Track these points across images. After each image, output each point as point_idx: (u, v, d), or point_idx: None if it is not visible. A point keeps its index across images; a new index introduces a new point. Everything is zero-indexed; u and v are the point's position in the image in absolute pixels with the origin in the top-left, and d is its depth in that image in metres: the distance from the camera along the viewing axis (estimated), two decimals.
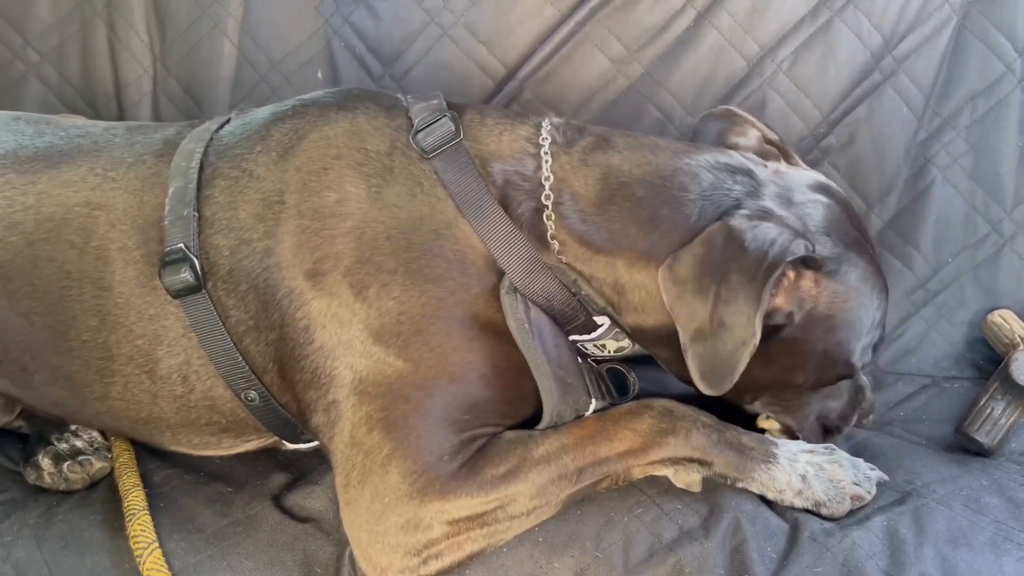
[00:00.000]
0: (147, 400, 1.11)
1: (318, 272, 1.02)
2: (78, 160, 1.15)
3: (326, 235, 1.02)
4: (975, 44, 1.55)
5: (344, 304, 1.01)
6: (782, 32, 1.55)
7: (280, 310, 1.03)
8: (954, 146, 1.56)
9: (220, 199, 1.07)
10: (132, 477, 1.14)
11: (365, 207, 1.03)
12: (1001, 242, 1.55)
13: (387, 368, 1.00)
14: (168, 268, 1.04)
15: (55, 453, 1.17)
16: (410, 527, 0.97)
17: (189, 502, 1.11)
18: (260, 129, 1.11)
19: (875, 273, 1.09)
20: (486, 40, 1.57)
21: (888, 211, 1.57)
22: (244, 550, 1.03)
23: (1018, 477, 1.17)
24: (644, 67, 1.56)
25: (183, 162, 1.09)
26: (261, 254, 1.04)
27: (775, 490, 1.06)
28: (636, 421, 1.05)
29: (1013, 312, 1.52)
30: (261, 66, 1.59)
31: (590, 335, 1.12)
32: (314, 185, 1.04)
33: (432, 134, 1.07)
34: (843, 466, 1.07)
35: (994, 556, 1.00)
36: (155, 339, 1.08)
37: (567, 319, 1.09)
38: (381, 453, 0.98)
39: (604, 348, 1.14)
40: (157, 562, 1.00)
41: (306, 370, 1.03)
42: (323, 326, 1.01)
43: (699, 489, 1.05)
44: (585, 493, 1.04)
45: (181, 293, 1.05)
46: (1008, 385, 1.30)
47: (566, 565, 1.01)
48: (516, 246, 1.04)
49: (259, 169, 1.07)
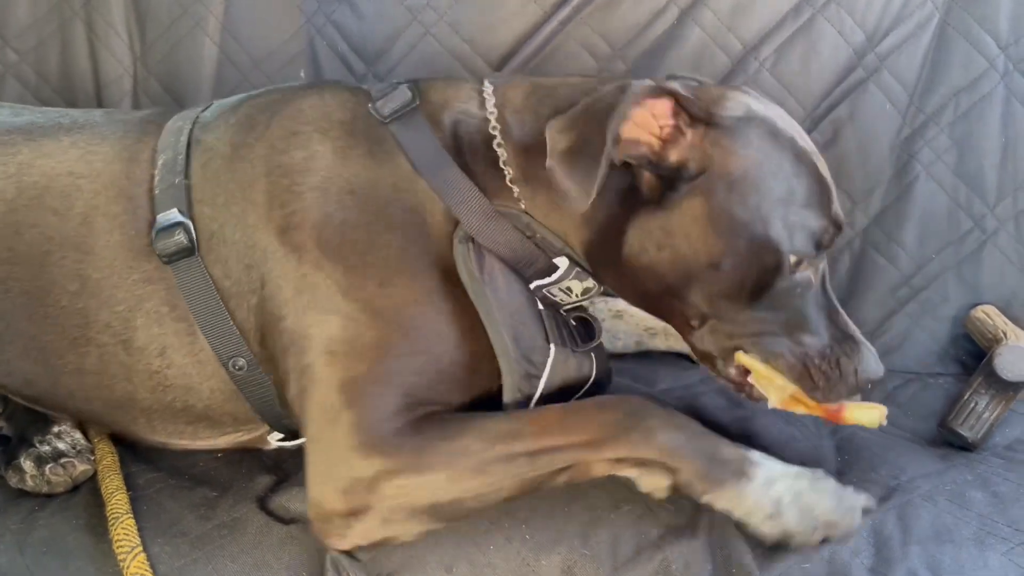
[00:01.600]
0: (122, 375, 1.12)
1: (288, 227, 1.05)
2: (59, 135, 1.18)
3: (295, 191, 1.06)
4: (958, 40, 1.56)
5: (312, 259, 1.04)
6: (765, 30, 1.55)
7: (259, 271, 1.06)
8: (937, 142, 1.56)
9: (200, 170, 1.11)
10: (115, 480, 1.13)
11: (330, 163, 1.08)
12: (984, 238, 1.56)
13: (351, 324, 1.02)
14: (162, 233, 1.07)
15: (37, 455, 1.16)
16: (353, 481, 0.98)
17: (173, 505, 1.10)
18: (236, 106, 1.17)
19: (791, 147, 1.03)
20: (469, 38, 1.56)
21: (872, 208, 1.58)
22: (229, 553, 1.03)
23: (1002, 471, 1.18)
24: (628, 65, 1.56)
25: (171, 138, 1.14)
26: (238, 217, 1.08)
27: (743, 510, 0.98)
28: (600, 413, 1.02)
29: (996, 307, 1.53)
30: (243, 65, 1.58)
31: (552, 277, 1.11)
32: (283, 147, 1.09)
33: (389, 102, 1.12)
34: (826, 495, 0.99)
35: (979, 551, 1.01)
36: (135, 306, 1.09)
37: (526, 263, 1.10)
38: (336, 408, 1.00)
39: (571, 291, 1.13)
40: (141, 567, 1.00)
41: (284, 332, 1.05)
42: (294, 282, 1.04)
43: (664, 496, 1.01)
44: (542, 483, 1.01)
45: (174, 257, 1.07)
46: (992, 380, 1.30)
47: (553, 563, 1.01)
48: (469, 196, 1.07)
49: (235, 138, 1.12)
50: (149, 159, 1.13)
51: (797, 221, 1.01)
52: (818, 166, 1.05)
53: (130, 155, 1.14)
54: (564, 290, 1.13)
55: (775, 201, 1.01)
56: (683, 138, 1.01)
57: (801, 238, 1.01)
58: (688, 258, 1.02)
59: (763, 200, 1.00)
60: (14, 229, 1.11)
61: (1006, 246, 1.56)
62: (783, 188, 1.01)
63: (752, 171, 1.00)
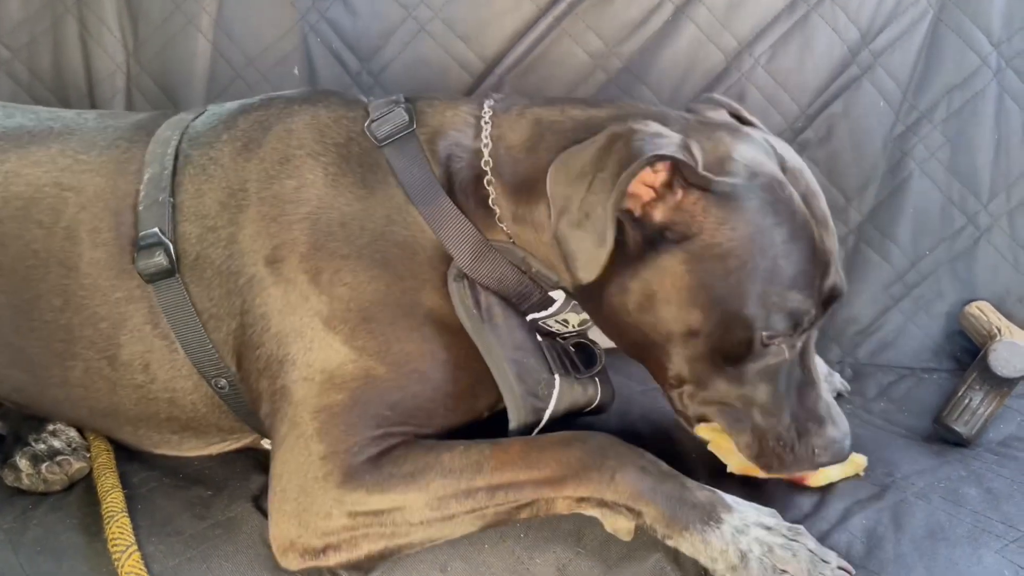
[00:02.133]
0: (106, 388, 1.11)
1: (276, 259, 1.04)
2: (49, 142, 1.16)
3: (284, 221, 1.05)
4: (951, 38, 1.56)
5: (299, 291, 1.03)
6: (760, 26, 1.55)
7: (241, 297, 1.05)
8: (931, 139, 1.57)
9: (189, 187, 1.09)
10: (111, 478, 1.12)
11: (321, 193, 1.06)
12: (977, 234, 1.57)
13: (333, 355, 1.01)
14: (143, 252, 1.06)
15: (33, 454, 1.15)
16: (313, 511, 0.97)
17: (168, 504, 1.09)
18: (228, 119, 1.14)
19: (788, 221, 0.98)
20: (464, 35, 1.56)
21: (866, 204, 1.58)
22: (224, 553, 1.02)
23: (995, 467, 1.18)
24: (623, 62, 1.56)
25: (159, 149, 1.12)
26: (225, 241, 1.06)
27: (707, 556, 0.94)
28: (563, 450, 1.00)
29: (990, 304, 1.53)
30: (236, 62, 1.58)
31: (548, 311, 1.10)
32: (274, 173, 1.08)
33: (385, 124, 1.10)
34: (799, 556, 0.93)
35: (973, 548, 1.01)
36: (119, 323, 1.09)
37: (522, 298, 1.09)
38: (306, 434, 1.00)
39: (567, 323, 1.13)
40: (136, 566, 0.99)
41: (261, 358, 1.04)
42: (279, 312, 1.03)
43: (628, 538, 0.98)
44: (502, 519, 1.00)
45: (155, 277, 1.06)
46: (986, 376, 1.31)
47: (548, 561, 1.01)
48: (462, 230, 1.06)
49: (224, 159, 1.10)
50: (136, 171, 1.11)
51: (777, 302, 0.97)
52: (815, 240, 0.99)
53: (117, 167, 1.13)
54: (560, 321, 1.13)
55: (758, 280, 0.97)
56: (672, 198, 0.97)
57: (778, 319, 0.98)
58: (667, 321, 1.00)
59: (745, 278, 0.96)
60: (0, 241, 1.11)
61: (1000, 242, 1.56)
62: (768, 267, 0.97)
63: (739, 247, 0.96)
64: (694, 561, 0.97)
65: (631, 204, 0.97)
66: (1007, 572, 0.98)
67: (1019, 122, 1.56)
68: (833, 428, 1.01)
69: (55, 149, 1.15)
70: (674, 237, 0.98)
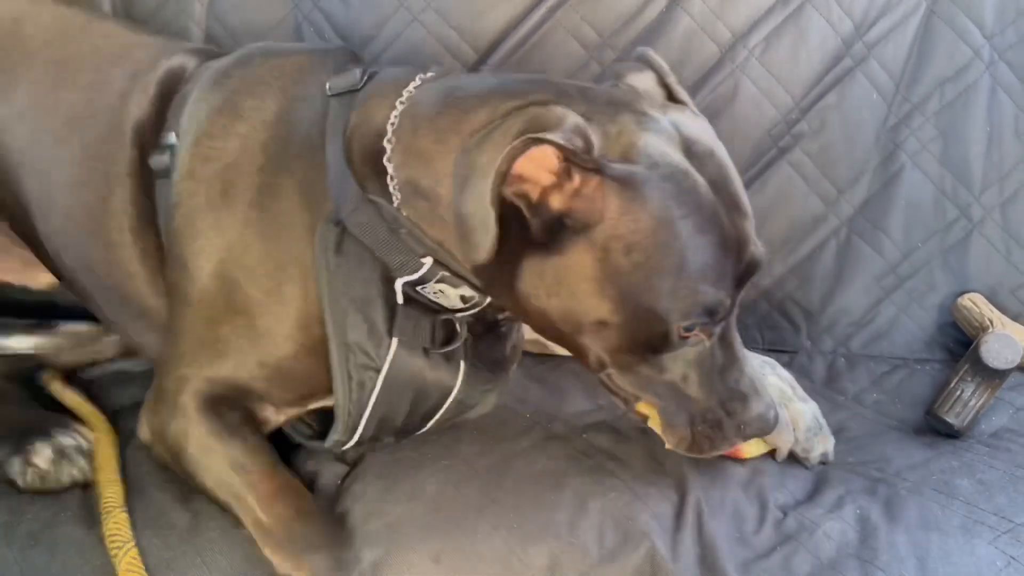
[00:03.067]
0: (93, 235, 1.19)
1: (208, 158, 1.13)
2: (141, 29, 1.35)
3: (231, 132, 1.13)
4: (944, 30, 1.56)
5: (209, 195, 1.11)
6: (754, 18, 1.55)
7: (177, 188, 1.14)
8: (923, 132, 1.57)
9: (201, 94, 1.18)
10: (111, 471, 1.11)
11: (265, 118, 1.14)
12: (970, 226, 1.57)
13: (218, 274, 1.09)
14: (155, 153, 1.16)
15: (59, 447, 1.13)
16: (156, 412, 1.11)
17: (162, 497, 1.08)
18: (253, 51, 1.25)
19: (694, 213, 0.95)
20: (457, 26, 1.55)
21: (858, 197, 1.58)
22: (219, 547, 1.02)
23: (987, 459, 1.19)
24: (617, 53, 1.55)
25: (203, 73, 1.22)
26: (193, 139, 1.15)
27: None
28: (298, 516, 1.04)
29: (982, 296, 1.54)
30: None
31: (414, 276, 1.06)
32: (247, 90, 1.16)
33: (341, 79, 1.14)
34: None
35: (965, 539, 1.01)
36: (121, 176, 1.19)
37: (389, 256, 1.05)
38: (176, 344, 1.11)
39: (445, 296, 1.08)
40: (134, 562, 0.98)
41: (170, 252, 1.13)
42: (188, 208, 1.12)
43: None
44: None
45: (160, 175, 1.16)
46: (978, 367, 1.32)
47: (541, 552, 1.01)
48: (345, 177, 1.06)
49: (233, 73, 1.19)
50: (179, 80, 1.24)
51: (688, 295, 0.95)
52: (724, 228, 0.96)
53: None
54: (435, 292, 1.08)
55: (666, 275, 0.94)
56: (570, 184, 0.93)
57: (692, 311, 0.96)
58: (577, 311, 0.98)
59: (652, 273, 0.94)
60: (87, 66, 1.24)
61: (992, 235, 1.57)
62: (676, 262, 0.94)
63: (643, 241, 0.93)
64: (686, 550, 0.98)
65: (527, 189, 0.93)
66: (999, 562, 0.99)
67: (1011, 114, 1.56)
68: (757, 402, 1.02)
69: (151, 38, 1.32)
70: (575, 225, 0.94)
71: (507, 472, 1.09)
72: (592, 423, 1.20)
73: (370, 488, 1.08)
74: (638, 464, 1.10)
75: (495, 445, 1.15)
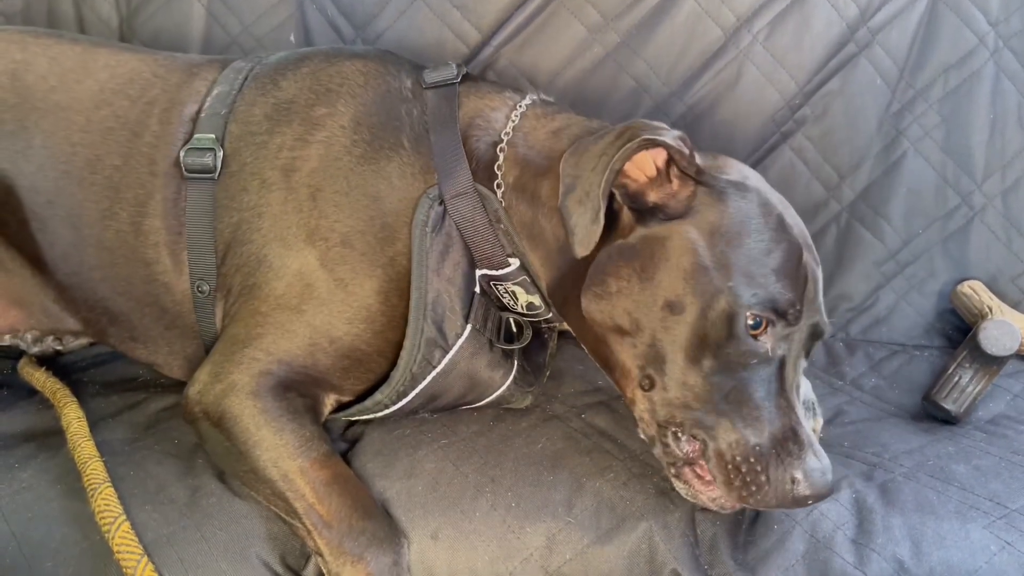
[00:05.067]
0: (126, 257, 1.20)
1: (290, 168, 1.15)
2: (139, 50, 1.34)
3: (307, 139, 1.16)
4: (949, 16, 1.56)
5: (297, 201, 1.13)
6: (758, 3, 1.54)
7: (250, 194, 1.15)
8: (926, 118, 1.57)
9: (247, 97, 1.22)
10: (88, 448, 1.10)
11: (344, 123, 1.17)
12: (971, 214, 1.57)
13: (304, 268, 1.11)
14: (192, 152, 1.18)
15: None
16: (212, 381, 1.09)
17: (160, 471, 1.09)
18: (300, 56, 1.27)
19: (776, 224, 1.03)
20: (460, 4, 1.54)
21: (860, 182, 1.58)
22: (219, 521, 1.03)
23: (984, 445, 1.20)
24: (620, 36, 1.55)
25: (232, 74, 1.25)
26: (257, 145, 1.17)
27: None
28: (355, 512, 1.02)
29: (982, 283, 1.54)
30: (232, 28, 1.56)
31: (500, 272, 1.14)
32: (314, 100, 1.19)
33: (435, 73, 1.22)
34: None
35: (960, 523, 1.02)
36: (152, 193, 1.19)
37: (480, 247, 1.14)
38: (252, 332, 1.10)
39: (516, 298, 1.16)
40: (127, 535, 0.98)
41: (243, 254, 1.14)
42: (274, 215, 1.13)
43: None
44: (277, 511, 1.05)
45: (195, 173, 1.17)
46: (976, 354, 1.32)
47: (538, 531, 1.02)
48: (458, 162, 1.14)
49: (284, 82, 1.23)
50: (210, 82, 1.25)
51: (763, 282, 0.99)
52: (801, 251, 1.03)
53: (196, 72, 1.27)
54: (509, 293, 1.16)
55: (743, 256, 1.00)
56: (668, 185, 1.03)
57: (763, 299, 0.98)
58: (646, 295, 1.01)
59: (731, 251, 1.00)
60: (96, 105, 1.23)
61: (993, 222, 1.57)
62: (754, 249, 1.00)
63: (728, 226, 1.01)
64: (682, 531, 0.98)
65: (630, 179, 1.03)
66: (993, 547, 0.99)
67: (1015, 102, 1.56)
68: (815, 457, 0.95)
69: (146, 54, 1.31)
70: (665, 216, 1.03)
71: (506, 451, 1.10)
72: (590, 404, 1.21)
73: (369, 464, 1.09)
74: (636, 445, 1.11)
75: (494, 424, 1.16)
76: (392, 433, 1.13)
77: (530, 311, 1.17)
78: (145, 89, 1.25)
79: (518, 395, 1.20)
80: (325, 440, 1.08)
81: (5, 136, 1.21)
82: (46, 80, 1.24)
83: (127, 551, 0.97)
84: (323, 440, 1.07)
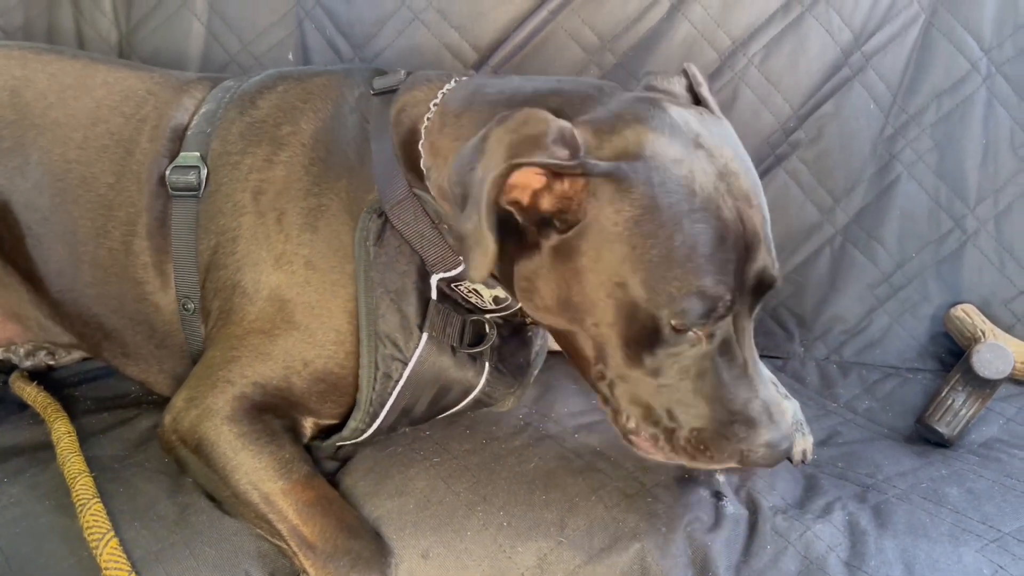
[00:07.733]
0: (118, 275, 1.20)
1: (259, 191, 1.15)
2: (137, 67, 1.34)
3: (273, 160, 1.16)
4: (942, 42, 1.57)
5: (265, 226, 1.13)
6: (754, 26, 1.55)
7: (225, 217, 1.15)
8: (919, 143, 1.58)
9: (227, 116, 1.21)
10: (77, 462, 1.10)
11: (303, 140, 1.16)
12: (964, 238, 1.58)
13: (274, 293, 1.10)
14: (178, 170, 1.18)
15: None
16: (187, 408, 1.09)
17: (150, 488, 1.08)
18: (277, 76, 1.27)
19: (686, 199, 0.93)
20: (458, 25, 1.56)
21: (853, 206, 1.59)
22: (207, 538, 1.02)
23: (977, 468, 1.19)
24: (617, 58, 1.56)
25: (220, 93, 1.25)
26: (231, 166, 1.17)
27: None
28: (340, 532, 1.01)
29: (975, 306, 1.55)
30: (231, 46, 1.57)
31: (453, 272, 1.09)
32: (281, 119, 1.19)
33: (383, 80, 1.20)
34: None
35: (953, 547, 1.02)
36: (142, 212, 1.19)
37: (429, 250, 1.09)
38: (226, 355, 1.10)
39: (480, 296, 1.12)
40: (115, 552, 0.98)
41: (220, 279, 1.14)
42: (245, 240, 1.13)
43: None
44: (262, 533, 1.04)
45: (179, 191, 1.17)
46: (969, 377, 1.32)
47: (530, 550, 1.01)
48: (392, 170, 1.10)
49: (261, 100, 1.22)
50: (198, 100, 1.26)
51: (680, 286, 0.92)
52: (725, 218, 0.93)
53: (186, 90, 1.27)
54: (472, 291, 1.11)
55: (652, 264, 0.92)
56: (559, 186, 0.93)
57: (686, 304, 0.92)
58: (570, 309, 0.98)
59: (637, 262, 0.92)
60: (92, 122, 1.24)
61: (986, 246, 1.57)
62: (662, 251, 0.91)
63: (626, 231, 0.92)
64: (675, 551, 0.98)
65: (517, 195, 0.94)
66: (986, 570, 0.99)
67: (1007, 127, 1.57)
68: (768, 430, 0.95)
69: (144, 72, 1.32)
70: (563, 226, 0.95)
71: (498, 470, 1.10)
72: (584, 424, 1.20)
73: (361, 483, 1.08)
74: (629, 465, 1.10)
75: (487, 443, 1.15)
76: (384, 451, 1.13)
77: (499, 305, 1.13)
78: (139, 106, 1.25)
79: (499, 396, 1.18)
80: (306, 461, 1.07)
81: (2, 153, 1.22)
82: (45, 97, 1.25)
83: (116, 568, 0.96)
84: (304, 461, 1.07)
